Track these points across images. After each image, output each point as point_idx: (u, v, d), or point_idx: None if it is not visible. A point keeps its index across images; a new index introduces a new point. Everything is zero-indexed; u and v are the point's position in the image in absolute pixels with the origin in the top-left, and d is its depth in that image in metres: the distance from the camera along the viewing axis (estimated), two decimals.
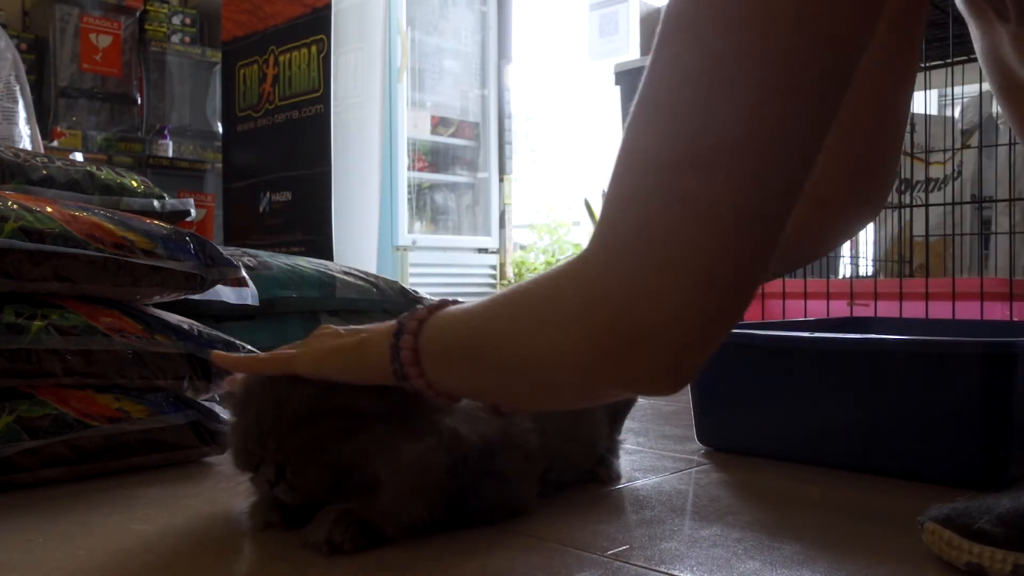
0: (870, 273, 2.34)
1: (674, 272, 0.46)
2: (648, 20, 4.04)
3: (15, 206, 0.96)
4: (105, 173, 1.21)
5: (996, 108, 2.22)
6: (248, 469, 0.73)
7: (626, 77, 3.16)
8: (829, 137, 0.48)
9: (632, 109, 0.50)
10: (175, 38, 4.27)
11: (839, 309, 1.69)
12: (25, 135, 2.57)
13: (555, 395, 0.61)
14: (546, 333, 0.52)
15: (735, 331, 1.18)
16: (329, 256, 3.03)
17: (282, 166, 3.44)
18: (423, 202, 4.15)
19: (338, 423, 0.69)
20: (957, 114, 2.45)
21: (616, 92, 3.18)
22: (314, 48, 3.32)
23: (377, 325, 0.68)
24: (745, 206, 0.46)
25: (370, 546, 0.69)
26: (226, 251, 1.17)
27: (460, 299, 0.65)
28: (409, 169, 3.89)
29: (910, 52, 0.74)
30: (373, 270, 2.55)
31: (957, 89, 2.19)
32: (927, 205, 2.16)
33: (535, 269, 4.33)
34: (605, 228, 0.50)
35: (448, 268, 3.94)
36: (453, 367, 0.62)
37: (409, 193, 3.89)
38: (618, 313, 0.48)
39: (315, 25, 3.33)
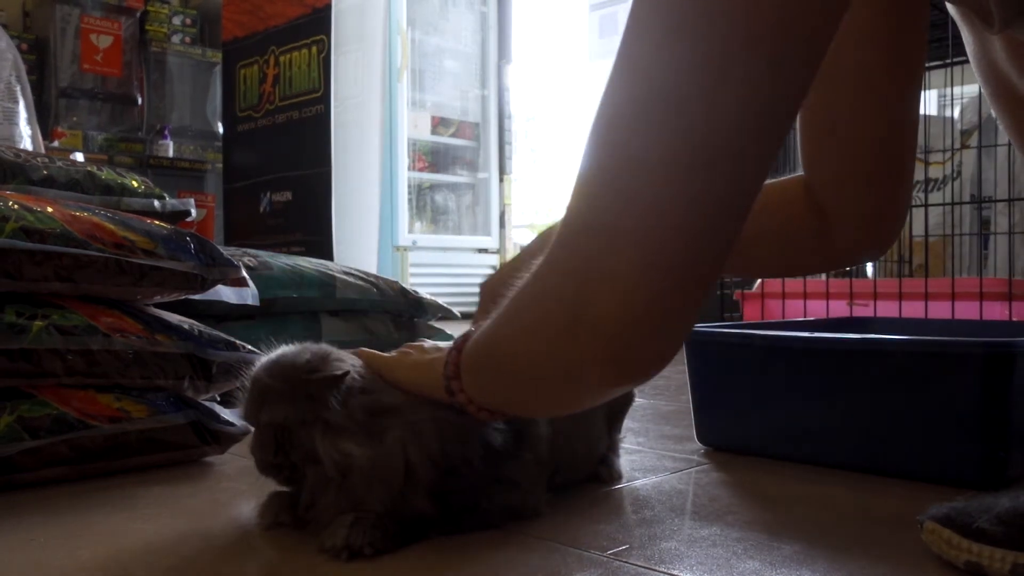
0: (869, 274, 2.35)
1: (619, 258, 0.47)
2: None
3: (16, 206, 0.96)
4: (106, 173, 1.21)
5: None
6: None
7: None
8: (834, 151, 0.48)
9: (599, 102, 0.51)
10: (176, 38, 4.27)
11: (839, 309, 1.69)
12: (26, 135, 2.57)
13: (570, 393, 0.61)
14: (542, 335, 0.53)
15: (735, 331, 1.19)
16: (329, 256, 3.03)
17: (282, 166, 3.44)
18: (423, 202, 4.15)
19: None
20: (956, 114, 2.46)
21: None
22: (314, 48, 3.33)
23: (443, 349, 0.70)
24: (686, 199, 0.46)
25: (389, 550, 0.69)
26: (226, 251, 1.17)
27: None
28: (409, 169, 3.89)
29: (912, 58, 0.73)
30: (373, 270, 2.55)
31: (956, 89, 2.19)
32: (926, 205, 2.16)
33: None
34: (569, 214, 0.52)
35: (448, 268, 3.94)
36: (482, 378, 0.63)
37: (409, 193, 3.89)
38: (575, 297, 0.49)
39: (315, 25, 3.34)
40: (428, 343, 0.77)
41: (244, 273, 1.33)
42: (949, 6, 0.65)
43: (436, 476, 0.70)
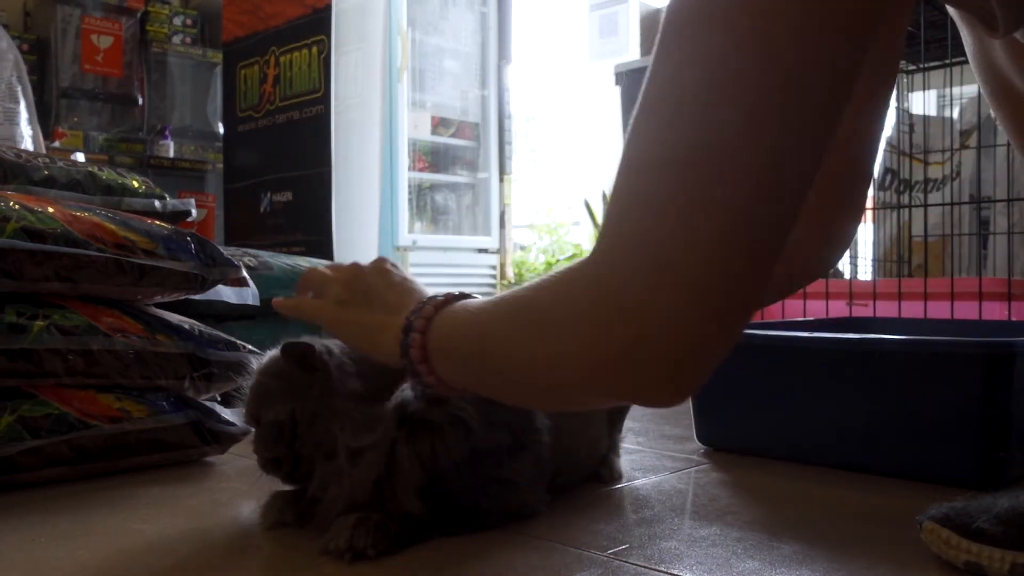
0: (869, 274, 2.35)
1: (668, 282, 0.46)
2: (648, 20, 4.04)
3: (17, 206, 0.97)
4: (106, 173, 1.22)
5: None
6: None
7: (626, 77, 3.16)
8: None
9: (635, 113, 0.50)
10: (176, 39, 4.27)
11: (838, 309, 1.69)
12: (27, 136, 2.57)
13: (558, 398, 0.61)
14: (549, 337, 0.52)
15: None
16: (330, 256, 3.03)
17: (283, 166, 3.44)
18: (423, 202, 4.16)
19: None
20: (956, 115, 2.45)
21: (616, 92, 3.18)
22: (315, 49, 3.33)
23: (396, 304, 0.67)
24: (742, 215, 0.46)
25: (392, 551, 0.69)
26: (227, 251, 1.17)
27: (465, 292, 0.65)
28: (409, 169, 3.89)
29: (880, 96, 0.71)
30: None
31: (956, 90, 2.19)
32: (926, 205, 2.16)
33: (535, 269, 4.33)
34: (604, 234, 0.50)
35: (448, 268, 3.94)
36: (463, 366, 0.62)
37: (409, 193, 3.89)
38: (615, 320, 0.48)
39: (315, 26, 3.33)
40: (393, 276, 0.72)
41: (244, 273, 1.33)
42: (949, 8, 0.65)
43: (425, 477, 0.70)
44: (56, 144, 3.68)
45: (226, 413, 1.09)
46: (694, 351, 0.48)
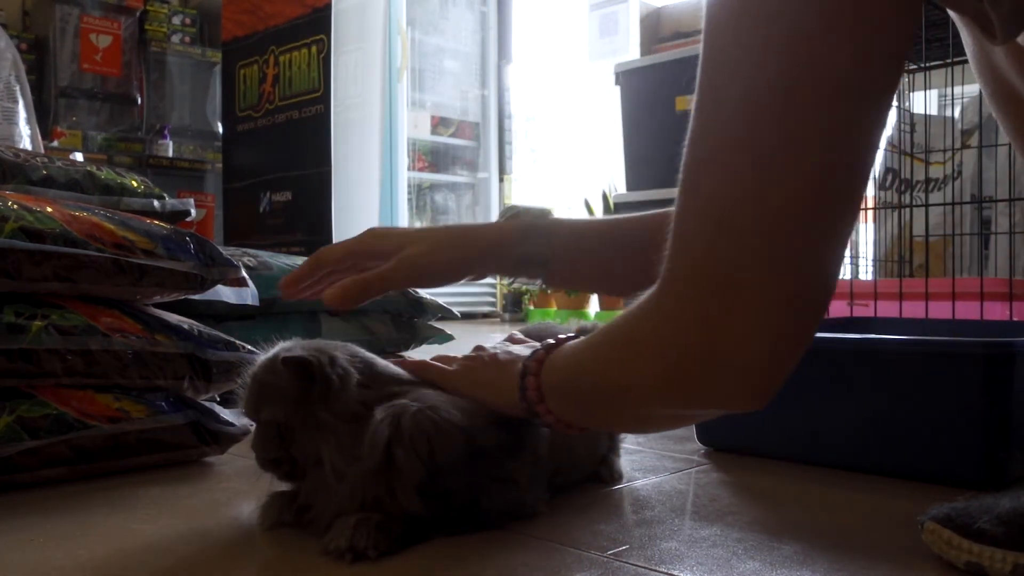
0: (870, 274, 2.35)
1: (743, 298, 0.48)
2: (648, 20, 4.04)
3: (15, 206, 0.96)
4: (105, 173, 1.21)
5: None
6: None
7: (626, 77, 3.16)
8: None
9: (688, 139, 0.50)
10: (175, 38, 4.27)
11: (839, 309, 1.69)
12: (25, 135, 2.57)
13: (652, 422, 0.65)
14: (632, 365, 0.55)
15: None
16: None
17: (282, 166, 3.44)
18: (423, 202, 4.15)
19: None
20: (957, 114, 2.45)
21: (616, 92, 3.18)
22: (314, 48, 3.32)
23: (506, 358, 0.73)
24: (807, 220, 0.47)
25: (393, 551, 0.68)
26: (226, 251, 1.17)
27: (571, 335, 0.69)
28: (409, 169, 3.89)
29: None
30: None
31: (957, 89, 2.19)
32: (927, 205, 2.16)
33: None
34: (673, 259, 0.51)
35: None
36: (572, 402, 0.66)
37: (409, 193, 3.89)
38: (694, 343, 0.50)
39: (315, 25, 3.33)
40: (489, 350, 0.78)
41: (244, 273, 1.32)
42: (949, 10, 0.65)
43: (425, 475, 0.70)
44: (55, 144, 3.68)
45: (225, 413, 1.08)
46: (774, 362, 0.50)
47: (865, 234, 2.40)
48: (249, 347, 1.13)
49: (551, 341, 0.68)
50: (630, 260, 0.80)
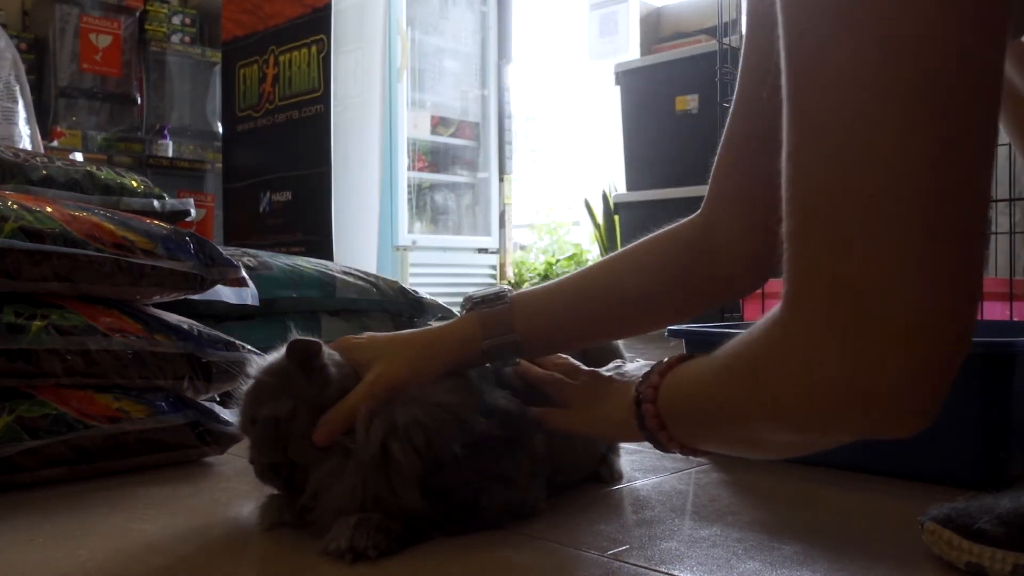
0: None
1: (885, 329, 0.44)
2: (648, 20, 4.04)
3: (15, 206, 0.96)
4: (105, 173, 1.21)
5: None
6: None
7: (626, 77, 3.16)
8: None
9: (791, 153, 0.46)
10: (175, 38, 4.27)
11: None
12: (25, 135, 2.57)
13: (789, 448, 0.61)
14: (760, 396, 0.52)
15: (735, 331, 1.18)
16: (329, 256, 3.03)
17: (282, 166, 3.44)
18: (423, 202, 4.15)
19: None
20: None
21: (616, 92, 3.18)
22: (314, 48, 3.32)
23: (613, 388, 0.76)
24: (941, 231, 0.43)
25: (393, 551, 0.68)
26: (226, 251, 1.17)
27: (689, 354, 0.67)
28: (409, 169, 3.89)
29: None
30: (373, 270, 2.55)
31: None
32: None
33: (535, 269, 4.33)
34: (799, 290, 0.47)
35: (448, 268, 3.94)
36: (695, 427, 0.64)
37: (409, 193, 3.89)
38: (837, 375, 0.46)
39: (315, 25, 3.33)
40: (582, 381, 0.81)
41: (244, 273, 1.32)
42: None
43: (423, 469, 0.70)
44: (54, 143, 3.67)
45: (225, 413, 1.08)
46: (929, 394, 0.47)
47: None
48: (249, 347, 1.13)
49: (663, 362, 0.67)
50: (599, 310, 0.80)
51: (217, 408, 1.09)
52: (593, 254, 4.32)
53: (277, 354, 0.76)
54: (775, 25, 0.47)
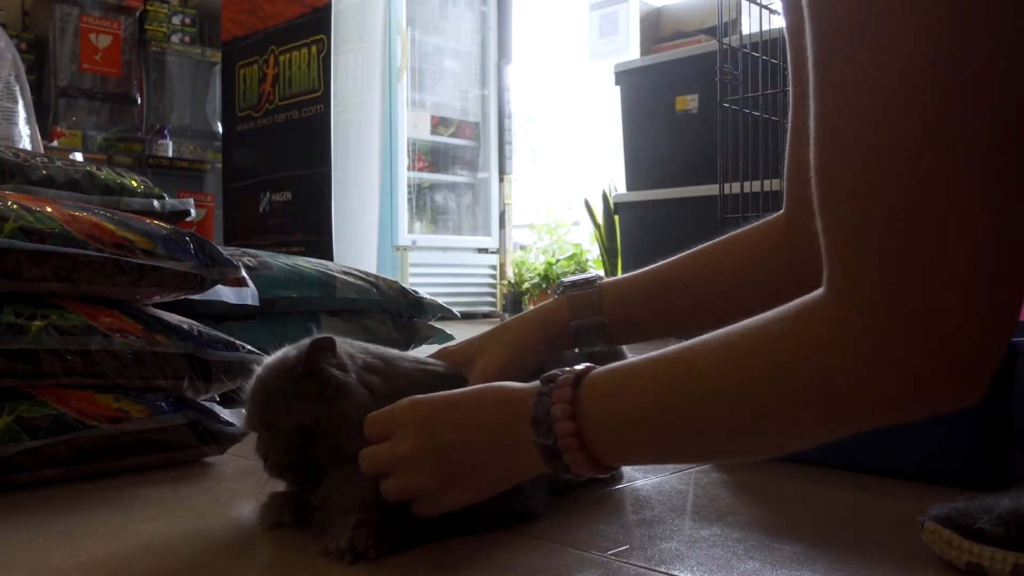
0: None
1: (922, 334, 0.46)
2: (648, 20, 4.04)
3: (15, 206, 0.96)
4: (105, 173, 1.21)
5: None
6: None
7: (626, 77, 3.16)
8: None
9: (819, 136, 0.48)
10: (175, 38, 4.27)
11: None
12: (25, 135, 2.57)
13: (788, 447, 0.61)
14: (785, 410, 0.52)
15: None
16: (329, 256, 3.03)
17: (282, 166, 3.44)
18: (423, 202, 4.15)
19: None
20: None
21: (616, 92, 3.18)
22: (314, 48, 3.32)
23: (489, 428, 0.66)
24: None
25: (392, 552, 0.68)
26: (226, 251, 1.17)
27: (590, 365, 0.63)
28: (409, 169, 3.89)
29: None
30: (373, 270, 2.55)
31: None
32: None
33: (535, 269, 4.32)
34: (841, 286, 0.49)
35: (448, 268, 3.94)
36: (636, 442, 0.60)
37: (409, 193, 3.89)
38: (875, 383, 0.48)
39: (315, 25, 3.33)
40: (443, 437, 0.68)
41: (244, 273, 1.32)
42: None
43: None
44: (54, 143, 3.68)
45: (225, 414, 1.08)
46: (973, 384, 0.49)
47: None
48: (249, 347, 1.13)
49: (568, 375, 0.61)
50: (690, 298, 0.81)
51: (217, 408, 1.09)
52: (593, 254, 4.33)
53: (285, 354, 0.74)
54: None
